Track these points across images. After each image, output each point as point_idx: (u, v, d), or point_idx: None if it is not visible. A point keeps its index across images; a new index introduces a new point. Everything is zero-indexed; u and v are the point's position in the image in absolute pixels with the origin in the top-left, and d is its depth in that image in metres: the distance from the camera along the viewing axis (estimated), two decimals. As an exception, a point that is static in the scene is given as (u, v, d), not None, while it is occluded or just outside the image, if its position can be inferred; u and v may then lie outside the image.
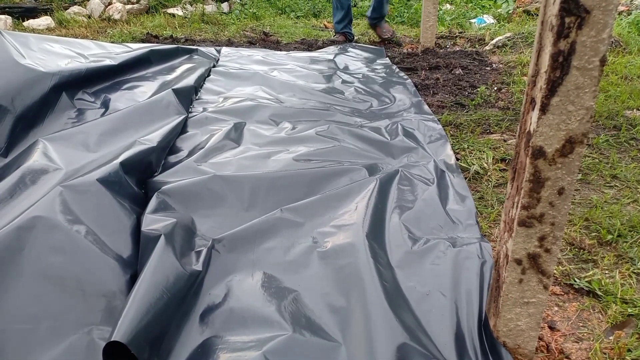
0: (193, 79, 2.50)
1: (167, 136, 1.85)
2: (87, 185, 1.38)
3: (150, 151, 1.69)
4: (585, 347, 1.09)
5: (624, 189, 1.74)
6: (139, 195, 1.51)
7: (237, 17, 5.45)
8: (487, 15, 5.29)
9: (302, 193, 1.57)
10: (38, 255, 1.16)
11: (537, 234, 0.91)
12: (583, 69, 0.77)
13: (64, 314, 1.08)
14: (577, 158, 0.83)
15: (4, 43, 2.02)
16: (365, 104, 2.53)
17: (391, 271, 1.27)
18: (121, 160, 1.53)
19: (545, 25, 0.79)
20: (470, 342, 1.07)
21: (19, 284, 1.11)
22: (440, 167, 1.79)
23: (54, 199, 1.29)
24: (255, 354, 1.01)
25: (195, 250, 1.30)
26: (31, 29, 4.56)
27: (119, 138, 1.79)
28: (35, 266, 1.14)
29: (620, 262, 1.37)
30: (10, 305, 1.08)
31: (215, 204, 1.50)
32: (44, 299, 1.10)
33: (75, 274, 1.15)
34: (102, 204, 1.36)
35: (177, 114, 2.06)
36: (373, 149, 1.95)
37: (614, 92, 2.65)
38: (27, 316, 1.07)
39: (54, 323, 1.06)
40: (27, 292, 1.10)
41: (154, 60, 2.75)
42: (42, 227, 1.21)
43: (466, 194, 1.64)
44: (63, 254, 1.18)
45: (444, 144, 2.01)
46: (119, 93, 2.30)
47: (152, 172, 1.68)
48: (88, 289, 1.12)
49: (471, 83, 2.96)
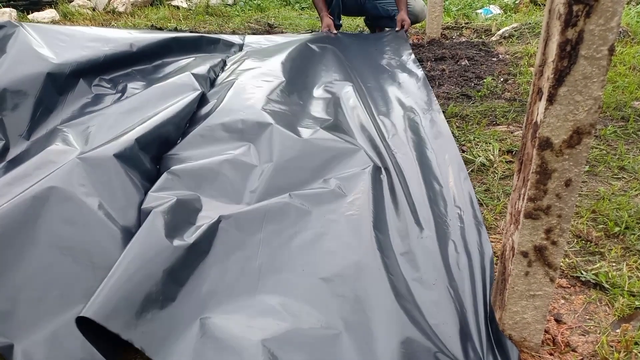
0: (209, 65, 2.49)
1: (182, 110, 1.86)
2: (102, 160, 1.43)
3: (164, 125, 1.72)
4: (591, 340, 1.08)
5: (632, 181, 1.73)
6: (151, 172, 1.57)
7: (242, 8, 5.43)
8: (494, 6, 5.23)
9: (309, 175, 1.57)
10: (51, 225, 1.22)
11: (544, 226, 0.90)
12: (591, 58, 0.75)
13: (74, 283, 1.11)
14: (584, 149, 0.82)
15: (23, 34, 2.11)
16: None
17: (396, 261, 1.26)
18: (136, 137, 1.57)
19: (553, 13, 0.78)
20: (476, 335, 1.07)
21: (32, 252, 1.17)
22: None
23: (71, 171, 1.35)
24: (253, 341, 1.00)
25: (197, 225, 1.30)
26: (36, 21, 4.56)
27: (137, 118, 1.81)
28: (48, 236, 1.20)
29: (628, 254, 1.36)
30: (22, 273, 1.14)
31: (224, 187, 1.51)
32: (55, 269, 1.15)
33: (85, 246, 1.20)
34: (115, 178, 1.41)
35: (193, 90, 2.06)
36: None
37: (622, 83, 2.62)
38: (38, 284, 1.12)
39: (63, 292, 1.11)
40: (39, 261, 1.16)
41: (175, 49, 2.76)
42: (56, 198, 1.27)
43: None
44: (75, 225, 1.23)
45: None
46: (137, 80, 2.34)
47: (170, 147, 1.71)
48: (97, 261, 1.15)
49: (477, 74, 2.93)
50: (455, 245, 1.34)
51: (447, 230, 1.40)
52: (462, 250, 1.32)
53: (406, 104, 2.30)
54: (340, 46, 3.20)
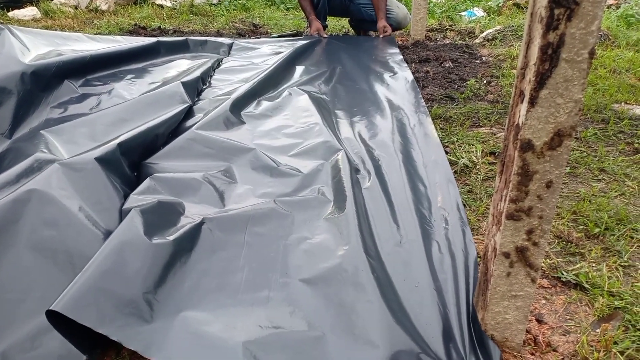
0: (200, 72, 2.49)
1: (168, 120, 1.86)
2: (83, 163, 1.43)
3: (147, 132, 1.72)
4: (572, 339, 1.09)
5: (612, 182, 1.75)
6: (130, 177, 1.57)
7: (227, 8, 5.40)
8: (477, 8, 5.28)
9: (292, 188, 1.57)
10: (32, 227, 1.22)
11: (525, 227, 0.90)
12: (572, 62, 0.76)
13: (54, 285, 1.10)
14: (565, 151, 0.83)
15: (7, 36, 2.13)
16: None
17: (381, 262, 1.27)
18: (119, 142, 1.57)
19: (535, 17, 0.78)
20: (459, 335, 1.07)
21: (12, 255, 1.17)
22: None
23: (51, 175, 1.35)
24: (234, 343, 0.99)
25: (179, 226, 1.30)
26: (16, 19, 4.49)
27: (124, 128, 1.80)
28: (28, 238, 1.20)
29: (608, 255, 1.38)
30: (1, 275, 1.13)
31: (207, 195, 1.50)
32: (35, 271, 1.15)
33: (66, 248, 1.20)
34: (96, 181, 1.41)
35: (181, 102, 2.06)
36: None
37: (603, 86, 2.66)
38: (18, 286, 1.12)
39: (44, 294, 1.09)
40: (19, 264, 1.16)
41: (162, 51, 2.78)
42: (37, 201, 1.27)
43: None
44: (56, 227, 1.23)
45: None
46: (123, 82, 2.33)
47: (150, 154, 1.71)
48: (78, 263, 1.14)
49: (461, 76, 2.96)
50: (440, 246, 1.34)
51: (432, 231, 1.41)
52: (446, 251, 1.32)
53: (394, 105, 2.32)
54: (332, 51, 3.26)
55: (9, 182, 1.41)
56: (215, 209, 1.44)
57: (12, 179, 1.42)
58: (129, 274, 1.08)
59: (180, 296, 1.11)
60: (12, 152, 1.68)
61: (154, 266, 1.13)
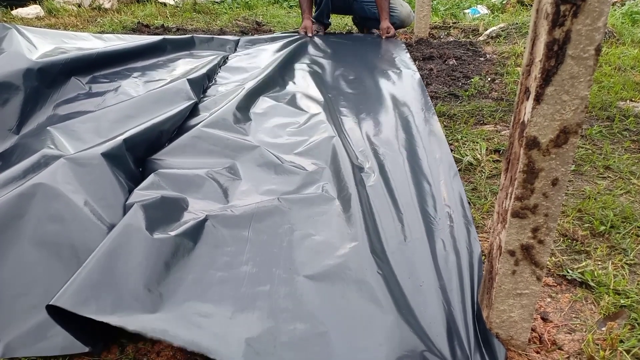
0: (206, 69, 2.49)
1: (174, 117, 1.87)
2: (89, 158, 1.44)
3: (153, 129, 1.73)
4: (577, 338, 1.09)
5: (617, 180, 1.74)
6: (135, 173, 1.57)
7: (230, 6, 5.40)
8: (481, 6, 5.26)
9: (296, 185, 1.57)
10: (38, 221, 1.22)
11: (531, 225, 0.90)
12: (578, 58, 0.76)
13: (59, 280, 1.10)
14: (571, 148, 0.82)
15: (15, 35, 2.15)
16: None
17: (387, 259, 1.26)
18: (125, 138, 1.58)
19: (540, 13, 0.78)
20: (464, 333, 1.07)
21: (18, 248, 1.17)
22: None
23: (57, 169, 1.36)
24: (237, 337, 0.99)
25: (182, 222, 1.30)
26: (20, 17, 4.50)
27: (130, 124, 1.80)
28: (34, 232, 1.20)
29: (613, 253, 1.37)
30: (6, 270, 1.14)
31: (211, 192, 1.51)
32: (40, 265, 1.15)
33: (71, 242, 1.20)
34: (101, 177, 1.41)
35: (187, 99, 2.06)
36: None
37: (608, 83, 2.64)
38: (23, 281, 1.13)
39: (48, 287, 1.10)
40: (24, 258, 1.16)
41: (168, 48, 2.79)
42: (42, 195, 1.27)
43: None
44: (61, 222, 1.23)
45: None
46: (130, 79, 2.34)
47: (155, 150, 1.71)
48: (83, 257, 1.14)
49: (465, 74, 2.95)
50: (444, 243, 1.34)
51: (436, 229, 1.40)
52: (451, 248, 1.32)
53: (400, 102, 2.32)
54: (337, 49, 3.27)
55: (16, 178, 1.42)
56: (219, 205, 1.44)
57: (19, 175, 1.43)
58: (129, 268, 1.08)
59: (183, 289, 1.11)
60: (19, 147, 1.69)
61: (155, 260, 1.13)
